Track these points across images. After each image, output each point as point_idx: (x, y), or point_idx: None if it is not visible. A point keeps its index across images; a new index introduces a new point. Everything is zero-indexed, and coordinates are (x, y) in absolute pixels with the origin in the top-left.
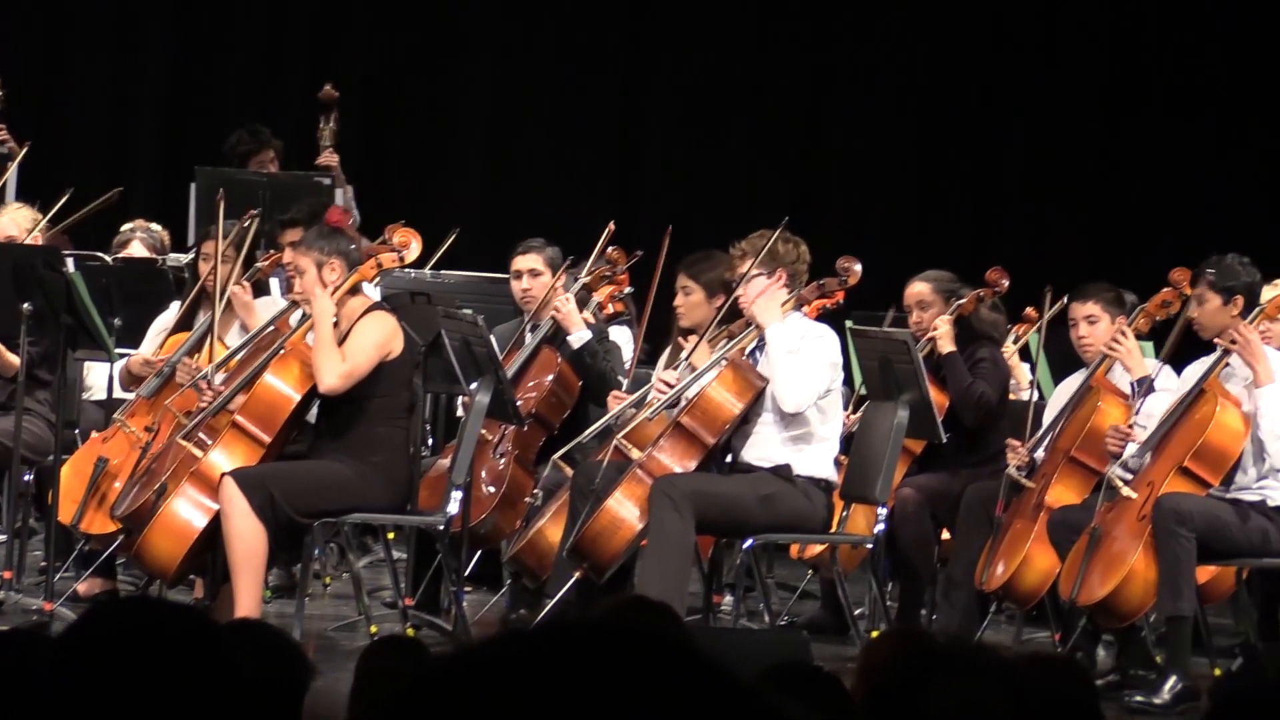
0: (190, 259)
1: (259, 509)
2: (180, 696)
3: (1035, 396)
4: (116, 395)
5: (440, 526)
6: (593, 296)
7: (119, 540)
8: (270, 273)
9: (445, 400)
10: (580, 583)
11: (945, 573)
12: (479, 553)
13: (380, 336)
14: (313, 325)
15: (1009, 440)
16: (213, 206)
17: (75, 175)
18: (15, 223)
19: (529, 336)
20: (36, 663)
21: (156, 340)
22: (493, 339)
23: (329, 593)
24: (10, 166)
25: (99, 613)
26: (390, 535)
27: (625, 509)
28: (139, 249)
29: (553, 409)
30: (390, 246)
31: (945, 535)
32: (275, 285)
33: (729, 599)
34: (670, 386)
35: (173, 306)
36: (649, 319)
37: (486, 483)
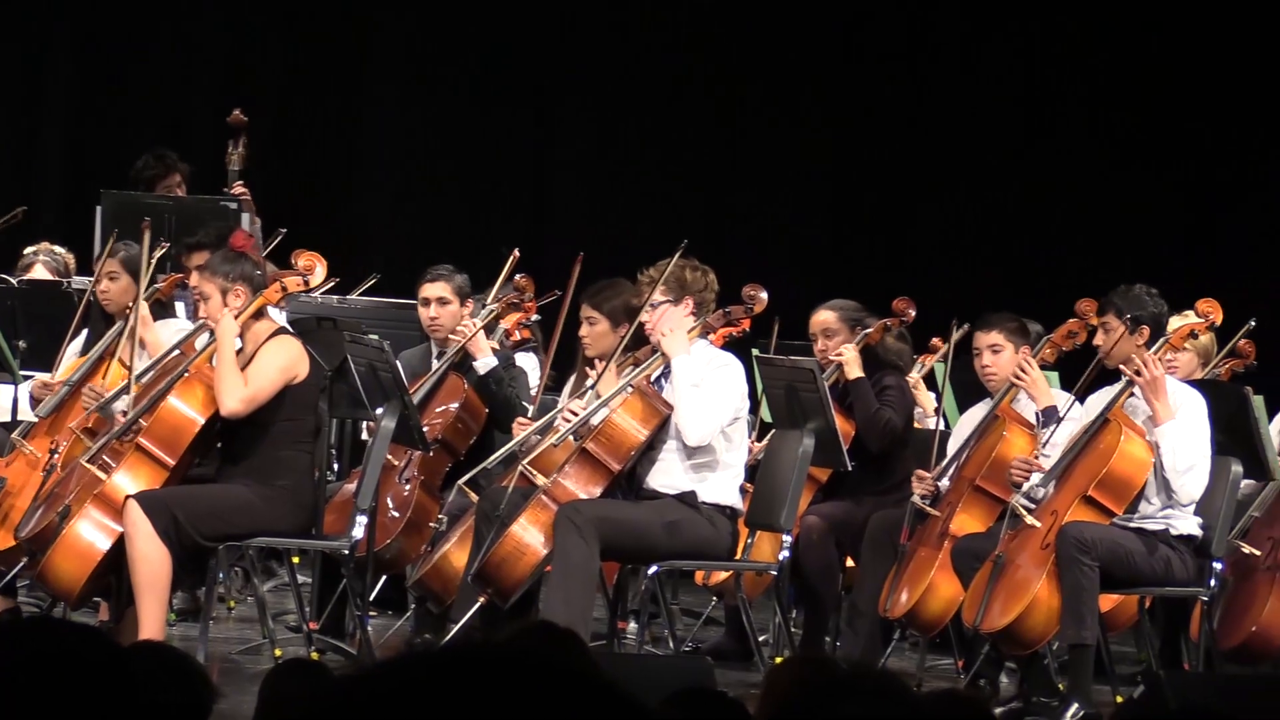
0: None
1: (163, 532)
2: (83, 718)
3: (940, 425)
4: (22, 416)
5: (345, 551)
6: (500, 323)
7: (23, 562)
8: (170, 293)
9: (351, 425)
10: (485, 608)
11: (849, 600)
12: (384, 577)
13: (284, 361)
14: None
15: (915, 469)
16: (118, 230)
17: None
18: None
19: (435, 363)
20: None
21: (68, 364)
22: (399, 365)
23: (233, 616)
24: None
25: (1, 633)
26: (295, 559)
27: (530, 535)
28: (42, 272)
29: (459, 435)
30: (295, 271)
31: (850, 563)
32: (181, 309)
33: (634, 625)
34: (576, 413)
35: (84, 332)
36: (557, 345)
37: (392, 508)
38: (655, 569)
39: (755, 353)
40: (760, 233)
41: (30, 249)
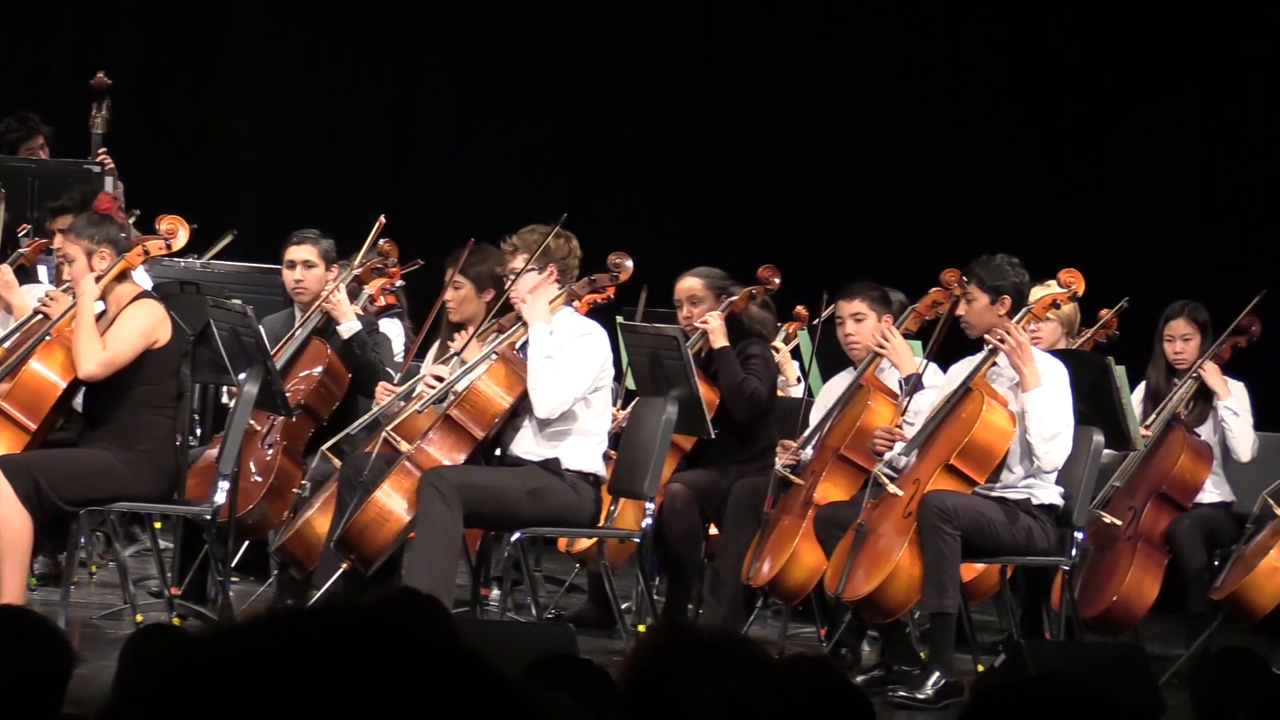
0: None
1: (24, 496)
2: None
3: (805, 394)
4: None
5: (207, 516)
6: (364, 289)
7: None
8: (34, 258)
9: (214, 390)
10: (347, 574)
11: (712, 568)
12: (246, 543)
13: (145, 324)
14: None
15: (779, 438)
16: None
17: None
18: None
19: (299, 328)
20: None
21: None
22: (262, 329)
23: (95, 581)
24: None
25: None
26: (157, 524)
27: (393, 501)
28: None
29: (322, 400)
30: (158, 234)
31: (713, 531)
32: (44, 272)
33: (496, 592)
34: (440, 380)
35: None
36: (420, 313)
37: (254, 473)
38: (518, 536)
39: (620, 320)
40: (625, 200)
41: None
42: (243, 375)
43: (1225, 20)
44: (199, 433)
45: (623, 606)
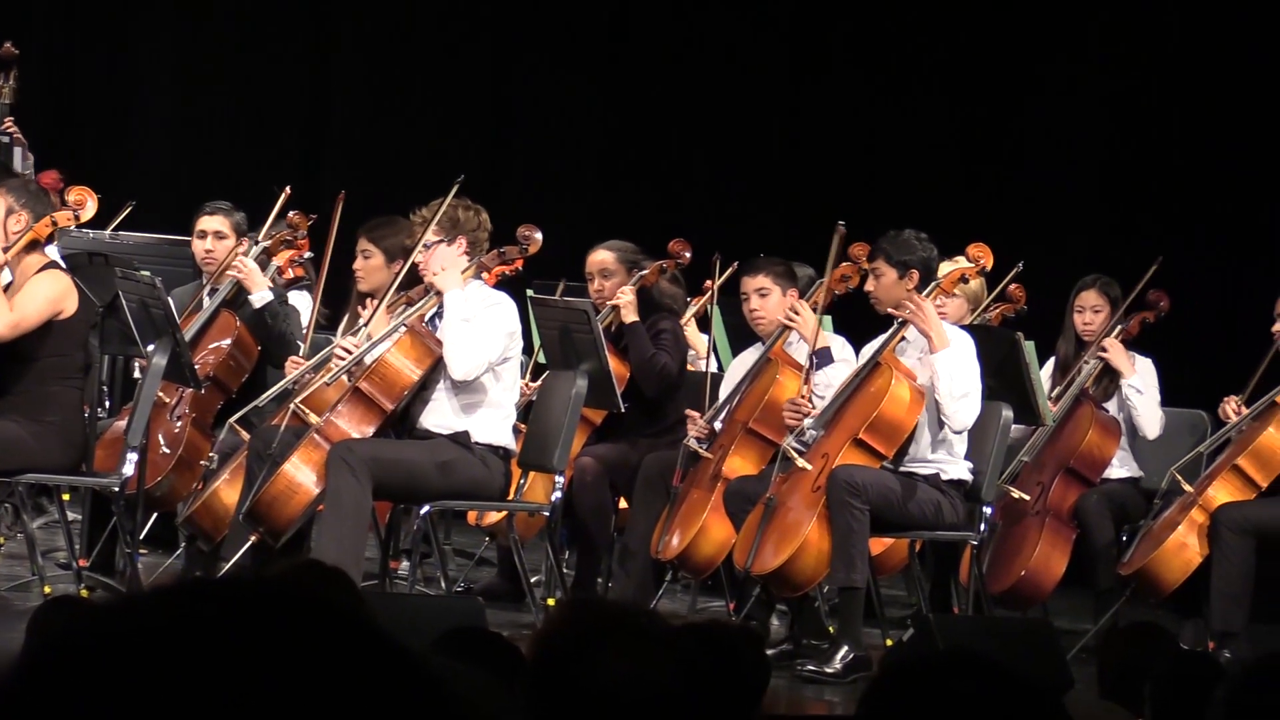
0: None
1: None
2: None
3: (714, 368)
4: None
5: (116, 488)
6: (272, 261)
7: None
8: None
9: (122, 362)
10: (255, 546)
11: (621, 541)
12: (154, 515)
13: (52, 292)
14: None
15: (688, 411)
16: None
17: None
18: None
19: (208, 300)
20: None
21: None
22: (170, 301)
23: (2, 553)
24: None
25: None
26: (65, 496)
27: (302, 474)
28: None
29: (230, 372)
30: (66, 206)
31: (623, 504)
32: None
33: (405, 565)
34: (349, 352)
35: None
36: (327, 284)
37: (163, 445)
38: (427, 509)
39: (530, 293)
40: (537, 174)
41: None
42: (151, 347)
43: None
44: (107, 404)
45: (532, 580)
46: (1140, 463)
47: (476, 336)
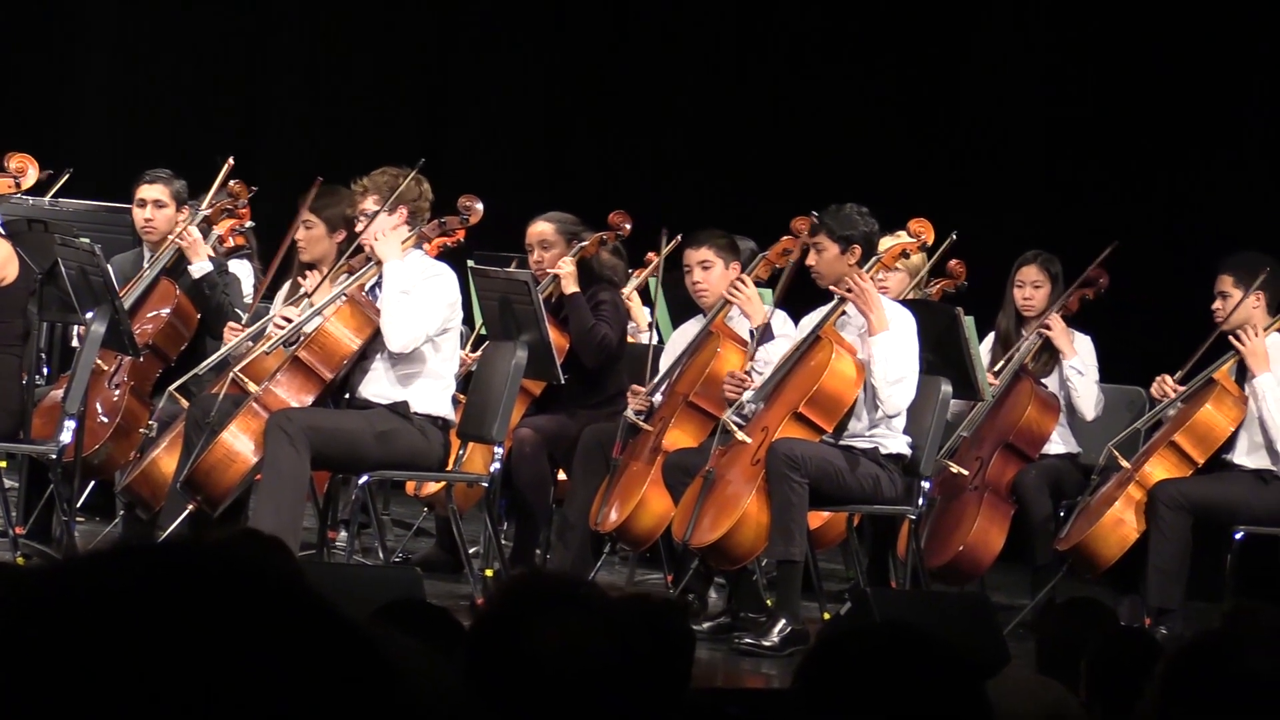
0: None
1: None
2: None
3: (655, 340)
4: None
5: (53, 456)
6: (213, 229)
7: None
8: None
9: (61, 329)
10: (193, 515)
11: (560, 513)
12: (92, 483)
13: None
14: None
15: (633, 386)
16: None
17: None
18: None
19: (148, 268)
20: None
21: None
22: (110, 269)
23: None
24: None
25: None
26: (2, 463)
27: (240, 442)
28: None
29: (170, 340)
30: (6, 172)
31: (562, 476)
32: None
33: (343, 535)
34: (289, 321)
35: None
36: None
37: (101, 413)
38: (366, 479)
39: (470, 264)
40: (477, 144)
41: None
42: (90, 314)
43: None
44: (45, 372)
45: (470, 551)
46: (1078, 439)
47: (415, 308)
